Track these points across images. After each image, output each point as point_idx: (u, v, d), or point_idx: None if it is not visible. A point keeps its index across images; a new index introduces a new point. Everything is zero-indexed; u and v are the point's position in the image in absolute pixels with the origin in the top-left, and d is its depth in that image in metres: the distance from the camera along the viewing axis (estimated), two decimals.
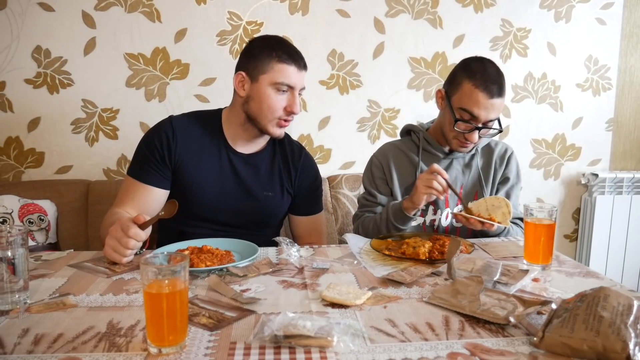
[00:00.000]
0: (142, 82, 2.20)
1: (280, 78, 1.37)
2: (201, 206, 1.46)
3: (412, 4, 2.30)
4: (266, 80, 1.38)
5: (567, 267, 1.18)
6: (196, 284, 1.04)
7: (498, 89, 1.41)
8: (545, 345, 0.77)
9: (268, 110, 1.39)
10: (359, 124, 2.37)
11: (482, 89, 1.40)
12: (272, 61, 1.37)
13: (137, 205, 1.40)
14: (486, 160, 1.61)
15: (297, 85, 1.40)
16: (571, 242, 2.63)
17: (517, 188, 1.61)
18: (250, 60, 1.40)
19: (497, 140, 1.64)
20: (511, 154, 1.62)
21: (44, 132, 2.18)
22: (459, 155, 1.57)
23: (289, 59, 1.38)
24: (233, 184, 1.47)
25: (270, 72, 1.37)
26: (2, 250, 0.91)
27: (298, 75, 1.39)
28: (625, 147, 2.57)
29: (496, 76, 1.42)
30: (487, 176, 1.59)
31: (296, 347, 0.76)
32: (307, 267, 1.17)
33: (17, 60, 2.11)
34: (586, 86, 2.49)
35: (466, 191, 1.58)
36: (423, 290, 1.01)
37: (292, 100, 1.39)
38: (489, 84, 1.40)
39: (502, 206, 1.35)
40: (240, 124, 1.46)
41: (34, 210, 1.91)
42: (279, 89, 1.38)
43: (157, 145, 1.43)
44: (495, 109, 1.42)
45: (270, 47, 1.39)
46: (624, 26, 2.46)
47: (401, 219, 1.45)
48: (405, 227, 1.46)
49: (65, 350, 0.76)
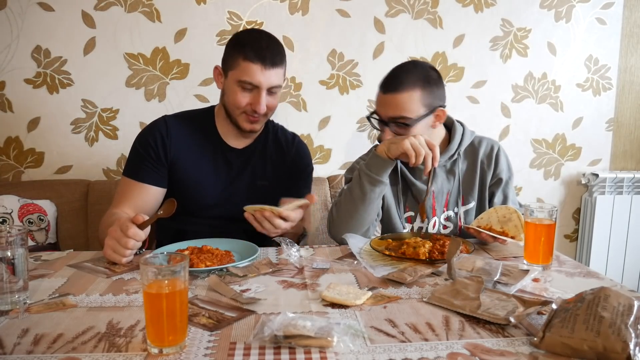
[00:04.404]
0: (142, 82, 2.20)
1: (243, 76, 1.38)
2: (198, 202, 1.46)
3: (412, 4, 2.30)
4: (233, 77, 1.40)
5: (567, 267, 1.18)
6: (196, 284, 1.04)
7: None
8: (546, 346, 0.76)
9: (234, 105, 1.42)
10: (359, 124, 2.37)
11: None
12: (239, 58, 1.38)
13: (135, 205, 1.40)
14: (470, 162, 1.54)
15: (263, 84, 1.38)
16: (571, 242, 2.63)
17: (512, 182, 1.56)
18: (225, 56, 1.44)
19: (481, 138, 1.57)
20: (498, 151, 1.54)
21: (43, 132, 2.18)
22: (440, 162, 1.47)
23: (255, 58, 1.36)
24: (228, 178, 1.49)
25: (236, 69, 1.39)
26: (2, 251, 0.91)
27: (263, 74, 1.37)
28: (625, 147, 2.57)
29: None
30: (472, 179, 1.53)
31: (296, 347, 0.76)
32: (307, 267, 1.17)
33: (17, 60, 2.11)
34: (586, 86, 2.48)
35: (451, 198, 1.54)
36: (423, 291, 1.01)
37: (256, 99, 1.40)
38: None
39: (513, 218, 1.31)
40: (224, 118, 1.50)
41: (33, 210, 1.91)
42: (243, 87, 1.39)
43: (151, 143, 1.44)
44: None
45: (240, 44, 1.39)
46: (624, 26, 2.46)
47: (376, 166, 1.37)
48: (381, 176, 1.37)
49: (65, 350, 0.76)
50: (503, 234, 1.29)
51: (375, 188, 1.39)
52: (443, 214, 1.54)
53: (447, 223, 1.55)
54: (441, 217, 1.54)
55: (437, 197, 1.53)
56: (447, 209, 1.53)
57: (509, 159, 1.58)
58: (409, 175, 1.53)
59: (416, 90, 1.39)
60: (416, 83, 1.39)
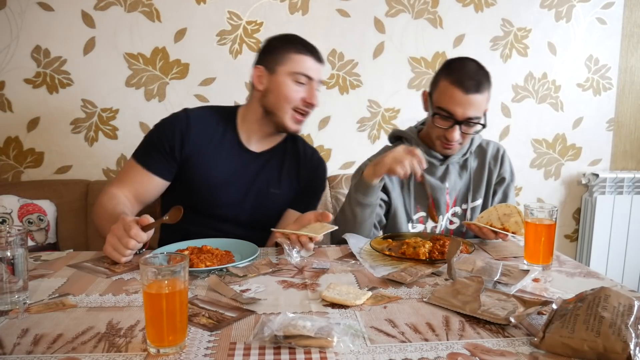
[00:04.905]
0: (142, 82, 2.20)
1: (298, 68, 1.40)
2: (207, 201, 1.45)
3: (412, 4, 2.30)
4: (284, 71, 1.40)
5: (567, 268, 1.18)
6: (196, 284, 1.04)
7: (475, 84, 1.37)
8: (546, 346, 0.76)
9: (285, 100, 1.40)
10: (359, 124, 2.37)
11: (457, 85, 1.37)
12: (290, 52, 1.41)
13: (135, 191, 1.40)
14: (480, 161, 1.59)
15: (315, 76, 1.42)
16: (571, 242, 2.63)
17: (513, 185, 1.62)
18: (267, 54, 1.44)
19: (487, 141, 1.62)
20: (504, 153, 1.61)
21: (43, 132, 2.18)
22: (453, 159, 1.54)
23: (306, 50, 1.42)
24: (241, 181, 1.47)
25: (288, 63, 1.40)
26: (2, 251, 0.91)
27: (315, 67, 1.42)
28: (625, 147, 2.57)
29: (474, 72, 1.39)
30: (481, 177, 1.58)
31: (296, 348, 0.76)
32: (307, 267, 1.17)
33: (17, 60, 2.11)
34: (587, 86, 2.48)
35: (460, 194, 1.57)
36: (423, 291, 1.01)
37: (310, 92, 1.42)
38: (464, 80, 1.37)
39: (513, 214, 1.33)
40: (256, 120, 1.47)
41: (33, 210, 1.91)
42: (296, 80, 1.40)
43: (168, 136, 1.42)
44: (474, 105, 1.38)
45: (287, 41, 1.44)
46: (624, 26, 2.46)
47: (362, 189, 1.38)
48: (368, 200, 1.39)
49: (64, 350, 0.76)
50: (503, 230, 1.30)
51: (365, 210, 1.41)
52: (451, 209, 1.56)
53: (454, 219, 1.57)
54: (449, 213, 1.56)
55: (450, 193, 1.55)
56: (455, 204, 1.55)
57: (512, 164, 1.64)
58: (424, 174, 1.54)
59: (488, 90, 1.44)
60: (489, 84, 1.43)
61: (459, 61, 1.44)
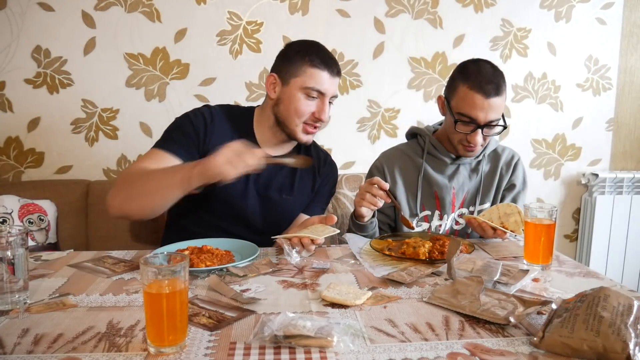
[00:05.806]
0: (142, 82, 2.20)
1: (311, 83, 1.36)
2: (220, 201, 1.42)
3: (412, 4, 2.30)
4: (297, 84, 1.37)
5: (567, 267, 1.18)
6: (196, 284, 1.04)
7: (495, 88, 1.38)
8: (546, 346, 0.76)
9: (295, 114, 1.37)
10: (359, 124, 2.37)
11: (477, 90, 1.37)
12: (305, 65, 1.36)
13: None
14: (492, 166, 1.59)
15: (328, 91, 1.38)
16: (571, 242, 2.63)
17: (524, 195, 1.60)
18: (283, 63, 1.40)
19: (504, 147, 1.63)
20: (518, 161, 1.60)
21: (43, 132, 2.18)
22: (466, 160, 1.55)
23: (322, 64, 1.36)
24: (254, 184, 1.45)
25: (301, 76, 1.36)
26: (2, 251, 0.91)
27: (330, 82, 1.38)
28: (625, 147, 2.57)
29: (492, 76, 1.40)
30: (492, 182, 1.57)
31: (296, 347, 0.76)
32: (307, 267, 1.17)
33: (17, 60, 2.11)
34: (586, 86, 2.48)
35: (469, 196, 1.57)
36: (423, 290, 1.01)
37: (321, 107, 1.38)
38: (483, 84, 1.37)
39: (514, 213, 1.33)
40: (269, 127, 1.45)
41: (33, 210, 1.91)
42: (308, 94, 1.36)
43: (194, 124, 1.39)
44: (494, 108, 1.39)
45: (304, 51, 1.38)
46: (624, 26, 2.46)
47: (355, 226, 1.45)
48: (364, 233, 1.44)
49: (65, 350, 0.76)
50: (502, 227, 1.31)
51: (366, 234, 1.45)
52: (457, 210, 1.56)
53: (460, 219, 1.57)
54: (455, 214, 1.56)
55: (457, 193, 1.55)
56: (462, 206, 1.55)
57: (526, 174, 1.62)
58: (431, 171, 1.55)
59: (506, 90, 1.44)
60: (505, 84, 1.44)
61: (474, 64, 1.44)
